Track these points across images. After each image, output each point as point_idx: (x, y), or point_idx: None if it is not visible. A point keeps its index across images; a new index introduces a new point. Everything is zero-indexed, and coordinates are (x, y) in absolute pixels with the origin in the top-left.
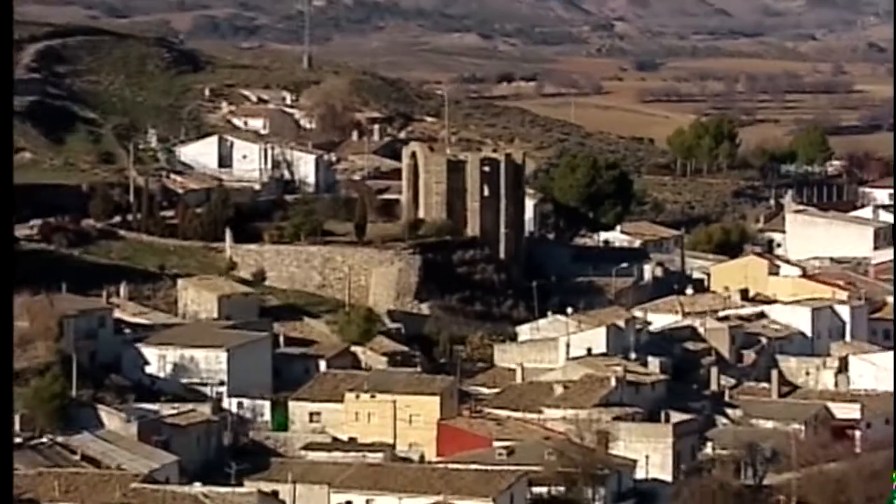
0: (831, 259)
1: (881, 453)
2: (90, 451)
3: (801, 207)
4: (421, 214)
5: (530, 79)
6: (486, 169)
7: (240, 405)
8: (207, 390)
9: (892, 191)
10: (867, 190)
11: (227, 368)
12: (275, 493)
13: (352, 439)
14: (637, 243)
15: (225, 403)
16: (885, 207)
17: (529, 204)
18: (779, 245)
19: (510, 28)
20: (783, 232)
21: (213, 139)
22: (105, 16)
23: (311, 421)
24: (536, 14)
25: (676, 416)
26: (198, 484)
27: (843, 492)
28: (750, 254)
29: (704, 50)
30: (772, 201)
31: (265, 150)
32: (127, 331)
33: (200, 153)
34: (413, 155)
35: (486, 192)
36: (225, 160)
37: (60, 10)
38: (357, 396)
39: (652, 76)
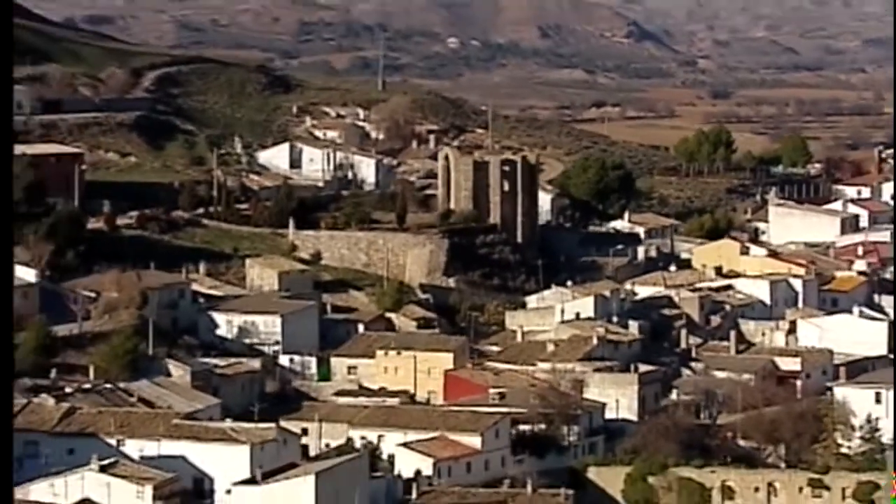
0: (805, 243)
1: (814, 399)
2: (146, 395)
3: (781, 201)
4: (452, 206)
5: (616, 105)
6: (506, 168)
7: (291, 360)
8: (265, 348)
9: (859, 188)
10: (840, 187)
11: (281, 330)
12: (304, 430)
13: (381, 388)
14: (641, 231)
15: (280, 359)
16: (852, 201)
17: (547, 198)
18: (763, 232)
19: (610, 64)
20: (766, 221)
21: (286, 146)
22: (280, 58)
23: (349, 373)
24: (633, 53)
25: (646, 369)
26: (228, 420)
27: (777, 430)
28: (726, 238)
29: (771, 81)
30: (758, 197)
31: (328, 155)
32: (202, 300)
33: (275, 157)
34: (446, 157)
35: (505, 188)
36: (295, 163)
37: (244, 53)
38: (386, 353)
39: (722, 103)
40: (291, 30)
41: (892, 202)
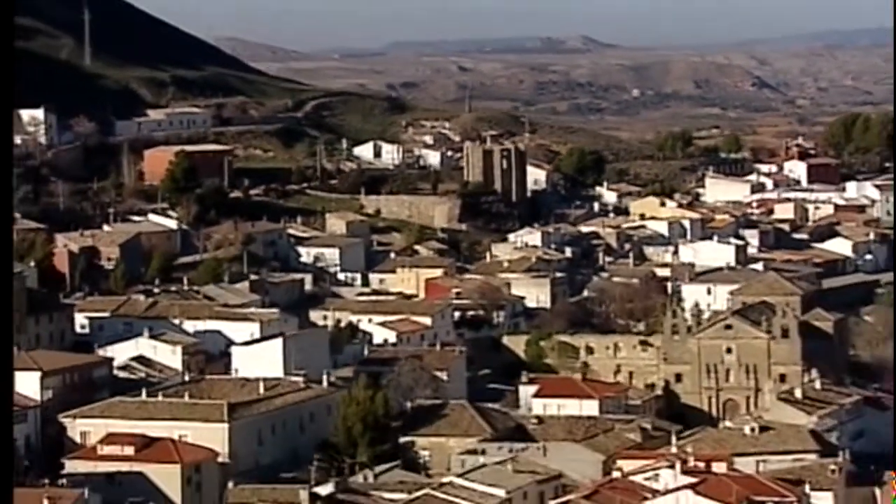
0: (728, 201)
1: (667, 293)
2: (211, 294)
3: (714, 175)
4: (469, 178)
5: (717, 127)
6: (505, 154)
7: (346, 276)
8: (329, 269)
9: (770, 166)
10: (758, 165)
11: (339, 257)
12: (325, 316)
13: (399, 292)
14: (614, 195)
15: (338, 276)
16: (764, 174)
17: (543, 173)
18: (701, 195)
19: (738, 104)
20: (704, 187)
21: (370, 144)
22: (522, 105)
23: (380, 283)
24: (755, 96)
25: (559, 275)
26: (253, 307)
27: (634, 312)
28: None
29: (844, 111)
30: (700, 172)
31: (399, 149)
32: (292, 240)
33: (364, 151)
34: (467, 148)
35: (504, 166)
36: (377, 154)
37: (498, 103)
38: (402, 269)
39: (801, 125)
40: (530, 87)
41: (790, 175)
